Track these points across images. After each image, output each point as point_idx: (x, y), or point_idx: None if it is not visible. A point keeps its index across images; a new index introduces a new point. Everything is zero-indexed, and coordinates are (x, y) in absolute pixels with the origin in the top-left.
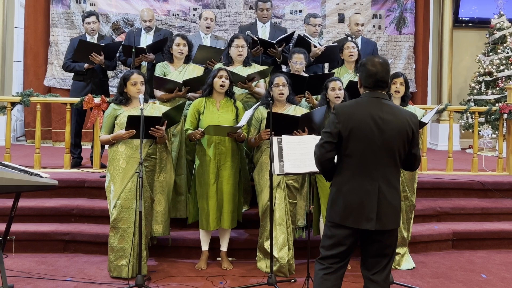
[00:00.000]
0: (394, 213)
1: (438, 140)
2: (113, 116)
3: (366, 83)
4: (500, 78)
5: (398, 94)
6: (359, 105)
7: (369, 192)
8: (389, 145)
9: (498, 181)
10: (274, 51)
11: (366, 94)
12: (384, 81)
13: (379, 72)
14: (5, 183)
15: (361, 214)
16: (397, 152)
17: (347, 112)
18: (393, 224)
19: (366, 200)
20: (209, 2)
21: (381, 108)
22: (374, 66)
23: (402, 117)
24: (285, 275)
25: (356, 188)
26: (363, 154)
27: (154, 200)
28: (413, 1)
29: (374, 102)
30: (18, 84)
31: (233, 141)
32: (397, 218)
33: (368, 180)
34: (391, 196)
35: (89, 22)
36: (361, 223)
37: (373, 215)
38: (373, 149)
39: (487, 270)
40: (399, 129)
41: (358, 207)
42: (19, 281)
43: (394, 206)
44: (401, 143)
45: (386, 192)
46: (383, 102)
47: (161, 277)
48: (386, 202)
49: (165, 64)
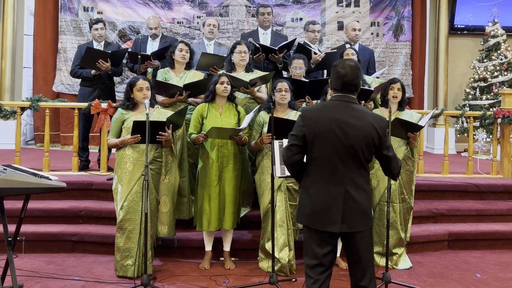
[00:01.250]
0: (362, 215)
1: (434, 144)
2: (121, 120)
3: (335, 85)
4: (494, 84)
5: (396, 99)
6: (325, 109)
7: (335, 195)
8: (354, 149)
9: (492, 184)
10: (276, 57)
11: (334, 97)
12: (353, 84)
13: (348, 74)
14: (15, 186)
15: (326, 216)
16: (362, 156)
17: (312, 116)
18: (361, 226)
19: (332, 203)
20: (213, 10)
21: (348, 112)
22: (344, 69)
23: (368, 121)
24: (286, 274)
25: (322, 191)
26: (328, 158)
27: (160, 202)
28: (410, 9)
29: (341, 105)
30: (28, 89)
31: (235, 145)
32: (366, 220)
33: (334, 184)
34: (359, 199)
35: (96, 28)
36: (326, 226)
37: (338, 218)
38: (338, 153)
39: (482, 270)
40: (364, 133)
41: (323, 210)
42: (29, 280)
43: (361, 209)
44: (366, 147)
45: (353, 195)
46: (350, 106)
47: (166, 277)
48: (353, 205)
49: (166, 70)
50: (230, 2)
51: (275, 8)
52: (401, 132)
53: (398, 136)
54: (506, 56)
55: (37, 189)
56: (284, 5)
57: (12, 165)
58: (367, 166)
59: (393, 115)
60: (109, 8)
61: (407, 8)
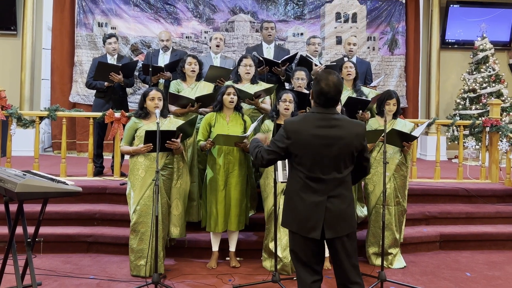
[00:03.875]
0: (342, 221)
1: (426, 151)
2: (134, 128)
3: (318, 100)
4: (483, 95)
5: (391, 112)
6: (307, 121)
7: (317, 203)
8: (337, 159)
9: (481, 188)
10: (278, 69)
11: (315, 109)
12: (335, 100)
13: (331, 92)
14: (34, 190)
15: (308, 223)
16: (344, 164)
17: (295, 129)
18: (341, 232)
19: (314, 211)
20: (219, 26)
21: (329, 124)
22: (328, 86)
23: (349, 130)
24: (288, 273)
25: (305, 200)
26: (311, 168)
27: (171, 205)
28: (404, 25)
29: (322, 117)
30: (46, 100)
31: (241, 152)
32: (346, 226)
33: (316, 193)
34: (340, 206)
35: (110, 42)
36: (308, 232)
37: (320, 224)
38: (321, 163)
39: (471, 269)
40: (347, 143)
41: (306, 217)
42: (47, 279)
43: (342, 215)
44: (349, 155)
45: (334, 203)
46: (331, 117)
47: (176, 275)
48: (334, 212)
49: (179, 82)
50: (236, 18)
51: (278, 23)
52: (396, 141)
53: (394, 145)
54: (494, 68)
55: (54, 193)
56: (286, 21)
57: (31, 171)
58: (348, 173)
59: (388, 124)
60: (122, 23)
61: (401, 24)
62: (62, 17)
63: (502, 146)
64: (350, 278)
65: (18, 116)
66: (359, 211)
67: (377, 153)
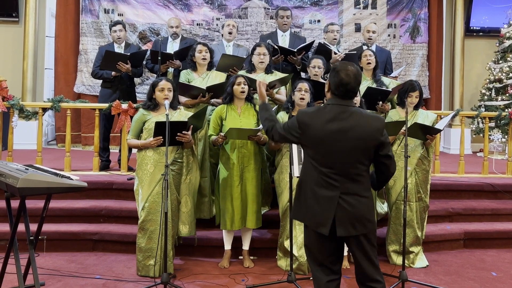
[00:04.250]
0: (360, 221)
1: (450, 144)
2: (142, 121)
3: (336, 91)
4: (509, 85)
5: (412, 104)
6: (320, 114)
7: (328, 198)
8: (351, 153)
9: (508, 183)
10: (294, 58)
11: (333, 101)
12: (354, 91)
13: (352, 83)
14: (37, 185)
15: (317, 217)
16: (360, 160)
17: (306, 122)
18: (357, 231)
19: (324, 207)
20: (232, 12)
21: (346, 117)
22: (348, 76)
23: (366, 125)
24: (304, 273)
25: (317, 193)
26: (324, 162)
27: (181, 202)
28: (427, 12)
29: (339, 110)
30: (49, 90)
31: (255, 145)
32: (365, 225)
33: (329, 188)
34: (356, 204)
35: (115, 30)
36: (317, 227)
37: (329, 221)
38: (334, 157)
39: (497, 268)
40: (362, 137)
41: (316, 212)
42: (50, 279)
43: (356, 215)
44: (364, 151)
45: (347, 201)
46: (349, 110)
47: (186, 275)
48: (347, 210)
49: (189, 72)
50: (249, 4)
51: (294, 10)
52: (419, 134)
53: (416, 137)
54: None
55: (58, 188)
56: (302, 7)
57: (33, 165)
58: (365, 170)
59: (409, 116)
60: (130, 10)
61: (424, 10)
62: (66, 3)
63: None
64: (369, 276)
65: (20, 107)
66: (379, 208)
67: (397, 146)
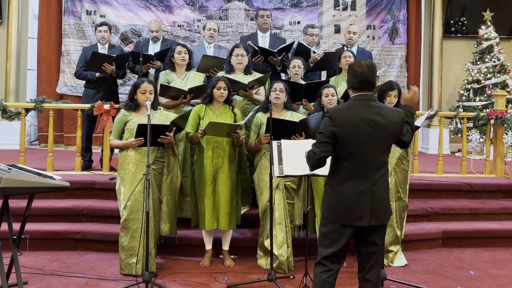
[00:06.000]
0: (386, 209)
1: (429, 144)
2: (123, 121)
3: (353, 84)
4: (487, 86)
5: (392, 104)
6: (351, 108)
7: (363, 191)
8: (381, 145)
9: (486, 183)
10: (275, 59)
11: (355, 96)
12: (370, 81)
13: (365, 72)
14: (19, 185)
15: (355, 212)
16: (387, 150)
17: (341, 116)
18: (385, 219)
19: (360, 199)
20: (212, 14)
21: (371, 110)
22: (360, 67)
23: (391, 118)
24: (284, 271)
25: (350, 188)
26: (357, 156)
27: (162, 201)
28: (405, 13)
29: (364, 104)
30: (32, 91)
31: (231, 146)
32: (389, 214)
33: (362, 180)
34: (383, 193)
35: (100, 30)
36: (355, 221)
37: (367, 213)
38: (367, 150)
39: (475, 267)
40: (389, 130)
41: (352, 206)
42: (33, 278)
43: (385, 203)
44: (391, 140)
45: (378, 190)
46: (372, 104)
47: (167, 274)
48: (378, 199)
49: (168, 72)
50: (230, 6)
51: (274, 11)
52: None
53: None
54: (499, 58)
55: (41, 188)
56: (282, 8)
57: (16, 165)
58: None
59: None
60: (111, 11)
61: (402, 12)
62: (49, 5)
63: (507, 139)
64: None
65: (3, 108)
66: None
67: None
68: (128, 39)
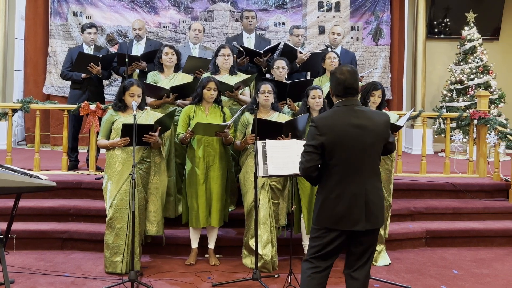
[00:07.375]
0: (380, 212)
1: (412, 144)
2: (111, 121)
3: (337, 91)
4: (470, 86)
5: (375, 104)
6: (337, 115)
7: (356, 195)
8: (370, 149)
9: (469, 183)
10: (260, 60)
11: (340, 103)
12: (353, 88)
13: (347, 79)
14: (6, 185)
15: (350, 217)
16: (377, 153)
17: (327, 124)
18: (380, 222)
19: (355, 204)
20: (198, 15)
21: (357, 115)
22: (343, 74)
23: (377, 121)
24: (269, 270)
25: (344, 194)
26: (347, 162)
27: (148, 201)
28: (389, 14)
29: (349, 110)
30: (19, 92)
31: (221, 144)
32: (383, 217)
33: (355, 185)
34: (376, 196)
35: (90, 32)
36: (351, 226)
37: (362, 216)
38: (356, 155)
39: (458, 266)
40: (377, 133)
41: (347, 211)
42: (20, 277)
43: (379, 205)
44: (380, 144)
45: (371, 194)
46: (356, 109)
47: (153, 273)
48: (373, 203)
49: (156, 73)
50: (215, 7)
51: (259, 13)
52: None
53: None
54: (482, 59)
55: (27, 188)
56: (267, 10)
57: (3, 165)
58: (379, 162)
59: None
60: (98, 13)
61: (386, 13)
62: (35, 6)
63: (490, 140)
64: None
65: None
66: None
67: None
68: (114, 40)
